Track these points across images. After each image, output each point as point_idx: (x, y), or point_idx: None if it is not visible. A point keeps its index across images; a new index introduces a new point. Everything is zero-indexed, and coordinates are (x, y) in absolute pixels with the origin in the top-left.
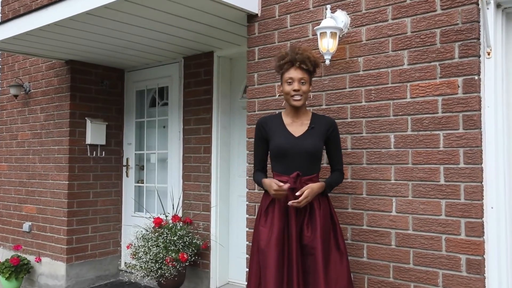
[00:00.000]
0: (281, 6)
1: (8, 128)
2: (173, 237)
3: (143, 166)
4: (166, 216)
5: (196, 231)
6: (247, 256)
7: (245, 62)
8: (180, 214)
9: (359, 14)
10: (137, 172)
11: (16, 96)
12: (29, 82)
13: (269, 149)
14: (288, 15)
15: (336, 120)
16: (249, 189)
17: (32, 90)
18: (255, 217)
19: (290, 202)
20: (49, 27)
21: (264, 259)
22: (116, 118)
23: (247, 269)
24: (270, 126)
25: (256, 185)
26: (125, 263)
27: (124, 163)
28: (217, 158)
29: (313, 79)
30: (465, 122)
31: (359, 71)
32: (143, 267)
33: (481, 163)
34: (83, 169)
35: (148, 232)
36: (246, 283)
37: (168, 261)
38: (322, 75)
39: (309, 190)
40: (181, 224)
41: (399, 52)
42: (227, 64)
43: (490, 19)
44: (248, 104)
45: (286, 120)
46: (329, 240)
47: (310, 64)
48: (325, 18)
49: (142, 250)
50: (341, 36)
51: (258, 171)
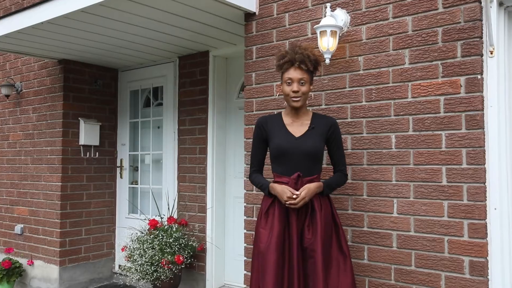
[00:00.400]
0: (279, 5)
1: None
2: (169, 239)
3: (138, 167)
4: (162, 218)
5: (192, 233)
6: (245, 259)
7: (241, 62)
8: (176, 216)
9: (359, 13)
10: (131, 173)
11: (8, 96)
12: (21, 82)
13: (269, 150)
14: (287, 14)
15: (336, 120)
16: (247, 190)
17: (24, 90)
18: (256, 219)
19: (288, 202)
20: (42, 25)
21: (264, 262)
22: (110, 119)
23: (245, 272)
24: (270, 126)
25: (254, 186)
26: (119, 266)
27: (118, 164)
28: (213, 159)
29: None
30: (468, 122)
31: (360, 71)
32: (139, 270)
33: (484, 164)
34: (76, 170)
35: (143, 234)
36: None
37: (164, 264)
38: (322, 75)
39: (306, 191)
40: (177, 226)
41: (400, 51)
42: (223, 64)
43: (493, 18)
44: (246, 104)
45: (286, 120)
46: (331, 243)
47: (310, 64)
48: (325, 17)
49: (138, 253)
50: (341, 35)
51: (256, 172)
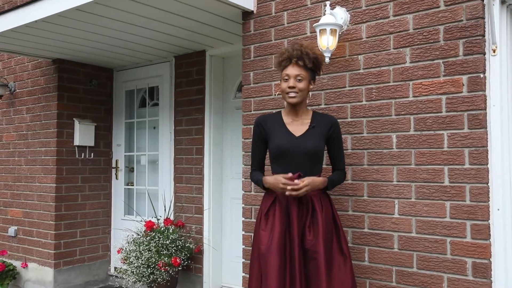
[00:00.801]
0: (278, 3)
1: None
2: (165, 241)
3: (133, 168)
4: (158, 220)
5: (189, 235)
6: (243, 260)
7: (238, 62)
8: (172, 217)
9: (359, 11)
10: (127, 174)
11: (1, 96)
12: (14, 82)
13: (269, 150)
14: (285, 12)
15: (337, 120)
16: (245, 191)
17: (18, 90)
18: (255, 221)
19: (289, 187)
20: (36, 24)
21: (265, 265)
22: (105, 119)
23: (243, 274)
24: (270, 125)
25: (253, 187)
26: (115, 268)
27: (114, 165)
28: (210, 160)
29: None
30: (470, 122)
31: (360, 69)
32: (135, 272)
33: (487, 164)
34: (71, 171)
35: (140, 236)
36: None
37: (161, 266)
38: (321, 74)
39: (310, 180)
40: (173, 228)
41: (401, 50)
42: (220, 63)
43: (496, 16)
44: (244, 104)
45: (286, 119)
46: (332, 244)
47: (309, 61)
48: (324, 15)
49: (134, 255)
50: (341, 34)
51: (256, 171)
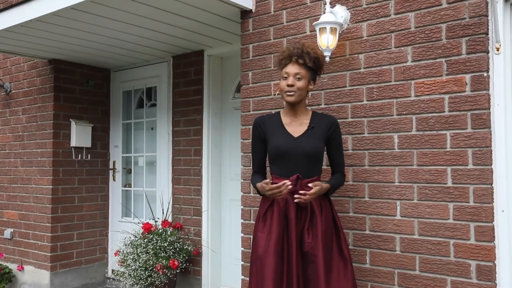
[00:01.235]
0: (277, 1)
1: None
2: (163, 243)
3: (131, 170)
4: (156, 221)
5: (187, 237)
6: (242, 263)
7: (237, 61)
8: (170, 219)
9: (360, 9)
10: (125, 176)
11: None
12: (10, 83)
13: (267, 151)
14: (284, 11)
15: (337, 120)
16: (244, 193)
17: (14, 91)
18: (254, 222)
19: (297, 196)
20: (31, 23)
21: (262, 268)
22: (102, 120)
23: (242, 276)
24: (268, 126)
25: (252, 189)
26: (113, 271)
27: (111, 167)
28: (208, 161)
29: None
30: (474, 121)
31: (360, 69)
32: (132, 275)
33: (491, 164)
34: (68, 173)
35: (137, 238)
36: None
37: (159, 269)
38: (321, 73)
39: (319, 188)
40: (171, 230)
41: (403, 49)
42: (218, 63)
43: (499, 13)
44: (242, 104)
45: (285, 120)
46: (332, 247)
47: (309, 59)
48: (324, 13)
49: (131, 257)
50: (341, 32)
51: (256, 173)
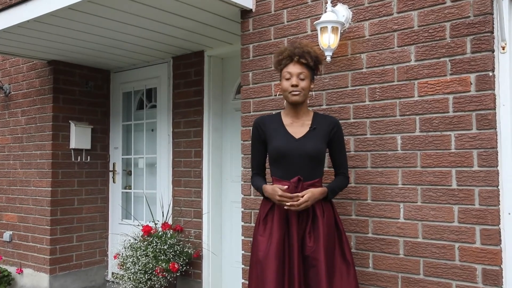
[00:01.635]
0: (277, 1)
1: None
2: (163, 246)
3: (131, 171)
4: (156, 224)
5: (187, 239)
6: (243, 266)
7: (238, 62)
8: (170, 222)
9: (362, 8)
10: (125, 178)
11: None
12: (9, 84)
13: (268, 152)
14: (285, 10)
15: (339, 120)
16: (244, 195)
17: (13, 92)
18: (254, 225)
19: (288, 203)
20: (28, 24)
21: (262, 272)
22: (102, 121)
23: (243, 280)
24: (269, 127)
25: (252, 191)
26: (113, 274)
27: (111, 168)
28: (209, 163)
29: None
30: (479, 122)
31: (362, 69)
32: (132, 278)
33: (497, 166)
34: (67, 175)
35: (137, 241)
36: None
37: (158, 272)
38: (323, 73)
39: (310, 194)
40: (172, 232)
41: (406, 48)
42: (219, 64)
43: (505, 11)
44: (243, 105)
45: (286, 121)
46: (334, 251)
47: (310, 59)
48: (325, 12)
49: (131, 260)
50: (343, 31)
51: (257, 175)
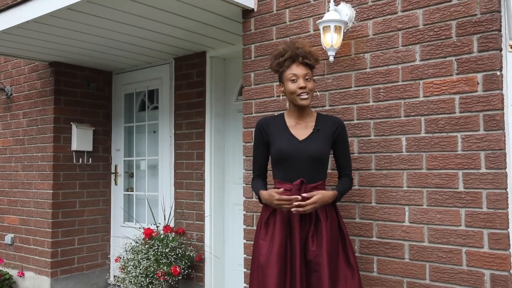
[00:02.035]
0: (279, 0)
1: None
2: (165, 249)
3: (133, 174)
4: (157, 227)
5: (189, 242)
6: (245, 270)
7: (240, 63)
8: (172, 224)
9: (365, 7)
10: (127, 180)
11: None
12: (11, 86)
13: (270, 154)
14: (287, 10)
15: (343, 121)
16: (246, 198)
17: (14, 94)
18: (255, 229)
19: (294, 209)
20: (28, 25)
21: (264, 277)
22: (104, 123)
23: (245, 285)
24: (272, 128)
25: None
26: (115, 277)
27: (113, 170)
28: (211, 164)
29: (315, 78)
30: (486, 123)
31: (366, 68)
32: (133, 282)
33: (505, 168)
34: (69, 177)
35: (138, 244)
36: None
37: (160, 275)
38: (325, 73)
39: (320, 196)
40: (173, 235)
41: (410, 47)
42: (221, 65)
43: None
44: (244, 106)
45: (289, 122)
46: (338, 255)
47: (313, 59)
48: (328, 11)
49: (132, 264)
50: (346, 31)
51: (257, 178)
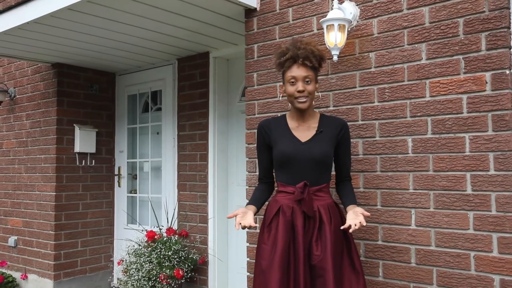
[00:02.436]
0: None
1: None
2: (168, 252)
3: (136, 175)
4: (160, 229)
5: (193, 245)
6: (248, 274)
7: (243, 63)
8: (175, 227)
9: (370, 5)
10: (130, 182)
11: (1, 103)
12: (15, 88)
13: (273, 156)
14: (290, 8)
15: (347, 122)
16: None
17: (18, 96)
18: (258, 232)
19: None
20: (29, 26)
21: (266, 282)
22: (107, 125)
23: None
24: (273, 130)
25: None
26: (118, 279)
27: (116, 172)
28: (214, 166)
29: (319, 78)
30: (495, 123)
31: (371, 68)
32: (135, 285)
33: None
34: (72, 179)
35: (141, 247)
36: None
37: (162, 279)
38: (329, 73)
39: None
40: (176, 238)
41: (416, 46)
42: (224, 65)
43: None
44: (247, 107)
45: (291, 124)
46: (342, 259)
47: (315, 60)
48: (332, 10)
49: (134, 267)
50: (350, 30)
51: (259, 185)
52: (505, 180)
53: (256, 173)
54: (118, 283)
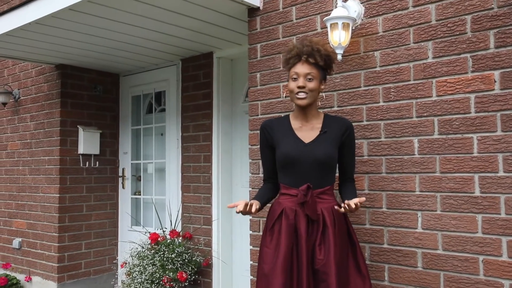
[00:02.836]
0: None
1: None
2: (171, 255)
3: (140, 177)
4: (164, 231)
5: (196, 247)
6: (251, 277)
7: (247, 63)
8: (179, 229)
9: (375, 3)
10: (134, 183)
11: (5, 104)
12: (19, 89)
13: (275, 158)
14: (294, 7)
15: (351, 123)
16: None
17: (22, 97)
18: (261, 235)
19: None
20: (31, 27)
21: (268, 286)
22: (111, 126)
23: None
24: (276, 131)
25: None
26: (122, 282)
27: (120, 174)
28: (218, 167)
29: None
30: (504, 123)
31: (376, 67)
32: None
33: None
34: (76, 181)
35: (144, 249)
36: None
37: (165, 281)
38: (333, 73)
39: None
40: (180, 240)
41: (422, 44)
42: (228, 66)
43: None
44: (250, 107)
45: (295, 124)
46: (347, 263)
47: (320, 58)
48: (336, 8)
49: (137, 270)
50: (354, 28)
51: (264, 184)
52: None
53: (260, 175)
54: (122, 286)
